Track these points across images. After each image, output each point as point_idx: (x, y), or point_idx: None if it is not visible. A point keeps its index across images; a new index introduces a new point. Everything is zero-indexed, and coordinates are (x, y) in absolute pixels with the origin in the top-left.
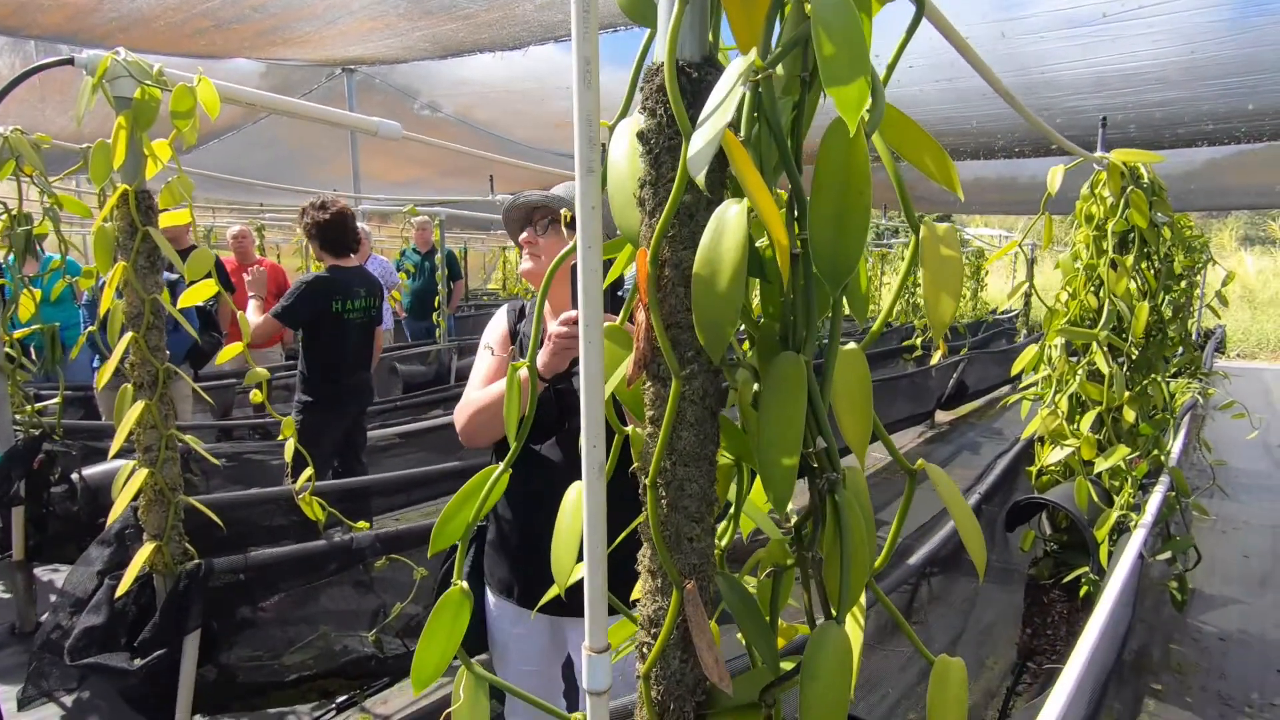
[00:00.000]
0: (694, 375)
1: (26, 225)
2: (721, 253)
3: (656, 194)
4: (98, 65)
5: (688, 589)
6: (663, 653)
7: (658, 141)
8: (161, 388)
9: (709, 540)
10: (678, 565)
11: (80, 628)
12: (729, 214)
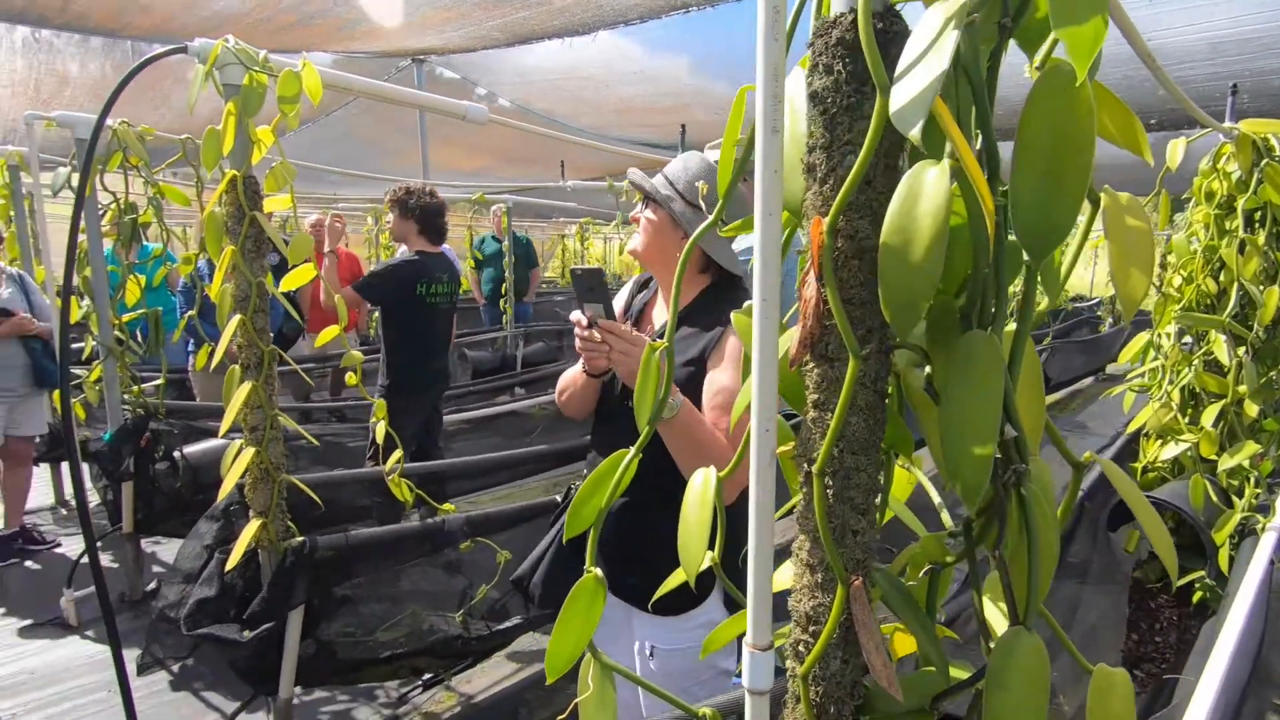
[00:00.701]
0: (869, 356)
1: (132, 214)
2: (917, 219)
3: (830, 158)
4: (209, 53)
5: (854, 585)
6: (824, 653)
7: (834, 101)
8: (267, 369)
9: (873, 534)
10: (842, 559)
11: (194, 599)
12: (926, 177)
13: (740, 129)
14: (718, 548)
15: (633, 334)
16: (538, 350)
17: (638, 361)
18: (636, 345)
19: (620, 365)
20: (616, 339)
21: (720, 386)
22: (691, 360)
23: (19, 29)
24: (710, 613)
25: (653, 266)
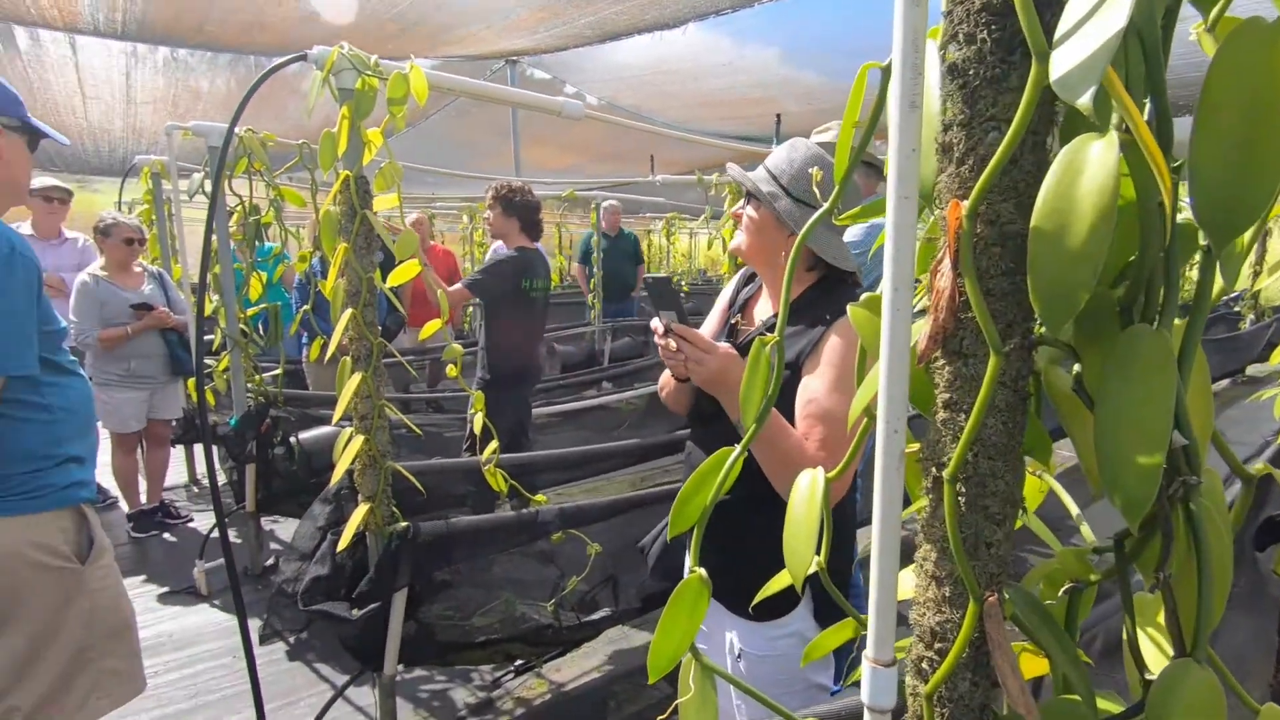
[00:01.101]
0: (1010, 353)
1: (255, 215)
2: (1077, 199)
3: (970, 136)
4: (326, 59)
5: (989, 602)
6: (951, 672)
7: (977, 73)
8: (375, 360)
9: (1008, 546)
10: (974, 573)
11: (309, 577)
12: (1089, 151)
13: (859, 110)
14: (824, 553)
15: (706, 341)
16: (625, 345)
17: (711, 369)
18: (710, 353)
19: (694, 373)
20: (690, 347)
21: (814, 394)
22: (786, 364)
23: (160, 50)
24: (798, 622)
25: (757, 264)
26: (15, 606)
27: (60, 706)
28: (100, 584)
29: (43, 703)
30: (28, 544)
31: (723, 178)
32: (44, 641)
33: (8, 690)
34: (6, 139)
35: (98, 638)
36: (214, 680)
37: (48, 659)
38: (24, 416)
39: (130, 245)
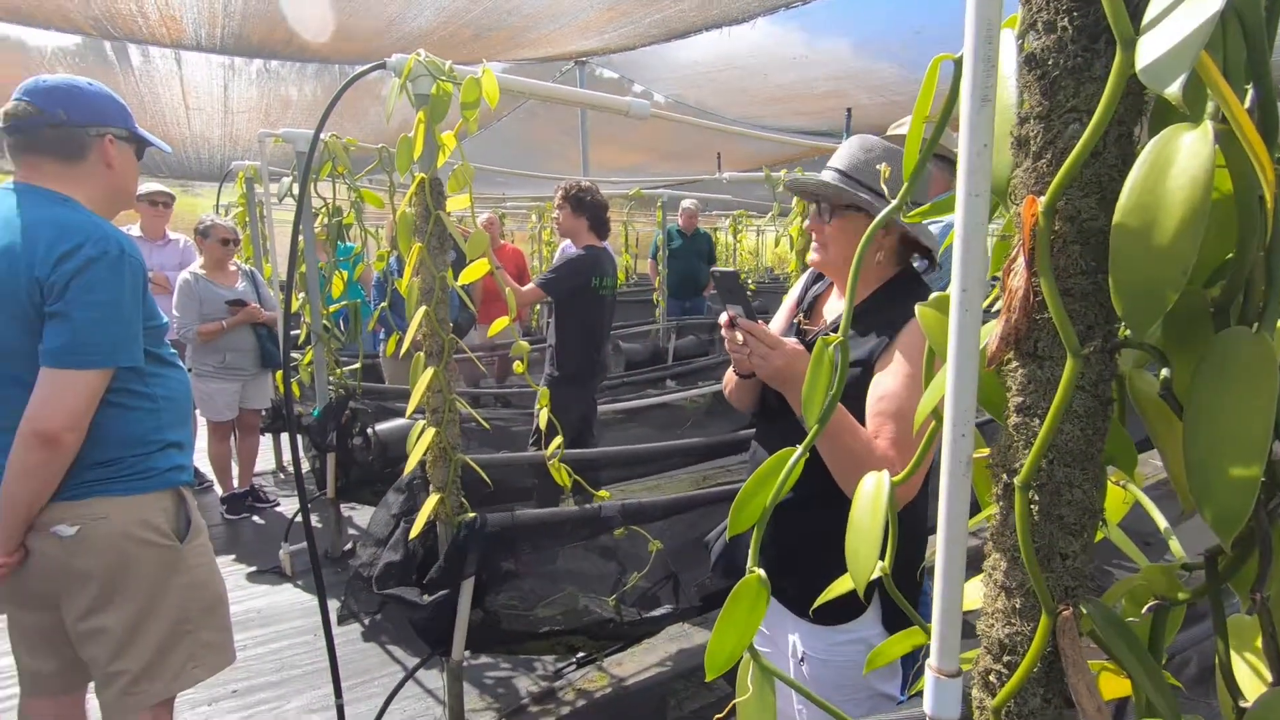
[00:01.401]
0: (1090, 356)
1: (338, 216)
2: (1166, 193)
3: (1049, 129)
4: (403, 66)
5: (1063, 616)
6: (1021, 687)
7: (1057, 62)
8: (447, 356)
9: (1086, 559)
10: (1048, 585)
11: (383, 562)
12: (1181, 142)
13: (930, 104)
14: (888, 559)
15: (772, 337)
16: (689, 344)
17: (776, 365)
18: (775, 349)
19: (760, 369)
20: (755, 341)
21: (885, 391)
22: (858, 361)
23: (255, 62)
24: (865, 629)
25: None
26: (124, 580)
27: (161, 673)
28: (197, 561)
29: (146, 669)
30: (135, 523)
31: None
32: (148, 613)
33: (117, 655)
34: (117, 148)
35: (194, 611)
36: (296, 656)
37: (151, 629)
38: (131, 405)
39: (226, 245)
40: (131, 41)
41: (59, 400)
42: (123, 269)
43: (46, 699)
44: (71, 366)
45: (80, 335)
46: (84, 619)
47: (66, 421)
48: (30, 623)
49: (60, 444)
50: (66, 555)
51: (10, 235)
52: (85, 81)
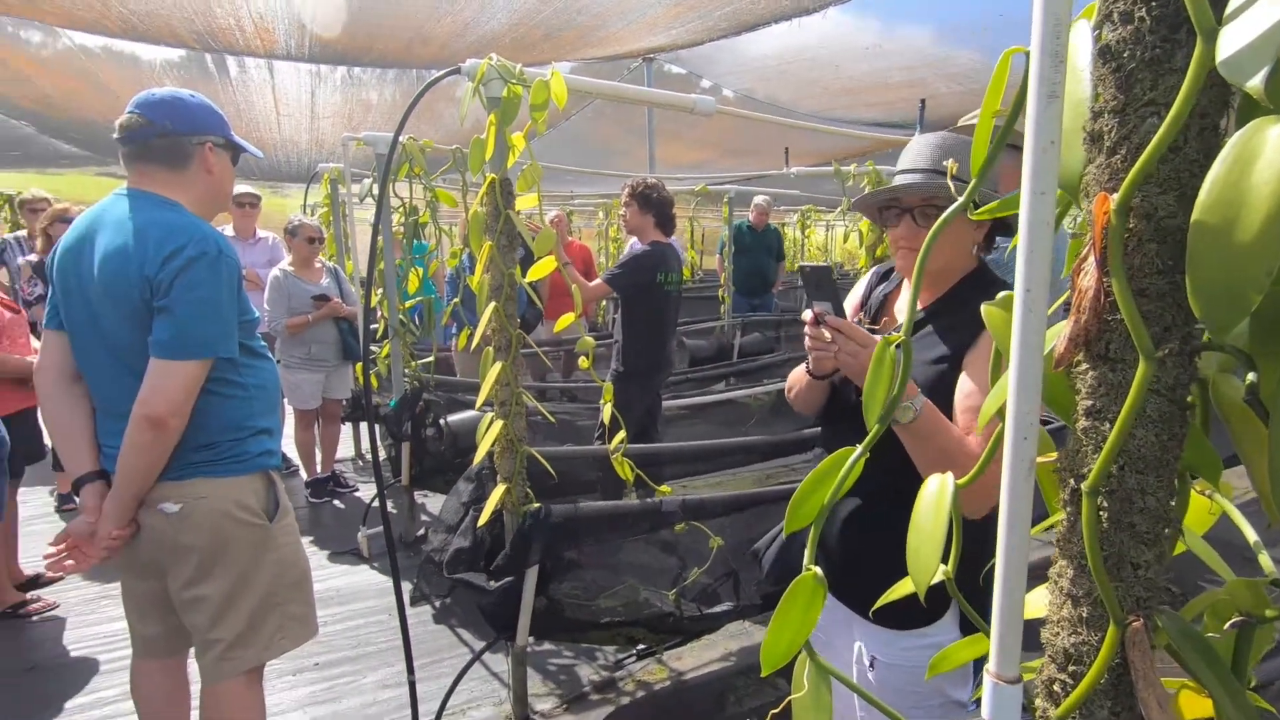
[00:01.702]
0: (1165, 359)
1: (414, 215)
2: (1249, 189)
3: (1124, 123)
4: (477, 70)
5: (1133, 627)
6: (1087, 698)
7: (1134, 54)
8: (514, 351)
9: (1159, 569)
10: (1117, 595)
11: (453, 548)
12: (1268, 135)
13: (1000, 98)
14: (951, 562)
15: (863, 333)
16: (754, 340)
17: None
18: (866, 345)
19: (848, 366)
20: (845, 339)
21: (975, 388)
22: (943, 358)
23: (339, 69)
24: (944, 634)
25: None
26: (222, 555)
27: (253, 641)
28: (284, 539)
29: (240, 637)
30: (231, 502)
31: (848, 167)
32: (241, 586)
33: (215, 624)
34: (216, 155)
35: (282, 586)
36: (372, 633)
37: (244, 601)
38: (227, 393)
39: (312, 243)
40: (229, 53)
41: (164, 388)
42: (221, 268)
43: (153, 661)
44: (176, 357)
45: (183, 329)
46: (186, 588)
47: (171, 407)
48: (141, 590)
49: (165, 427)
50: (172, 530)
51: (124, 237)
52: (188, 93)
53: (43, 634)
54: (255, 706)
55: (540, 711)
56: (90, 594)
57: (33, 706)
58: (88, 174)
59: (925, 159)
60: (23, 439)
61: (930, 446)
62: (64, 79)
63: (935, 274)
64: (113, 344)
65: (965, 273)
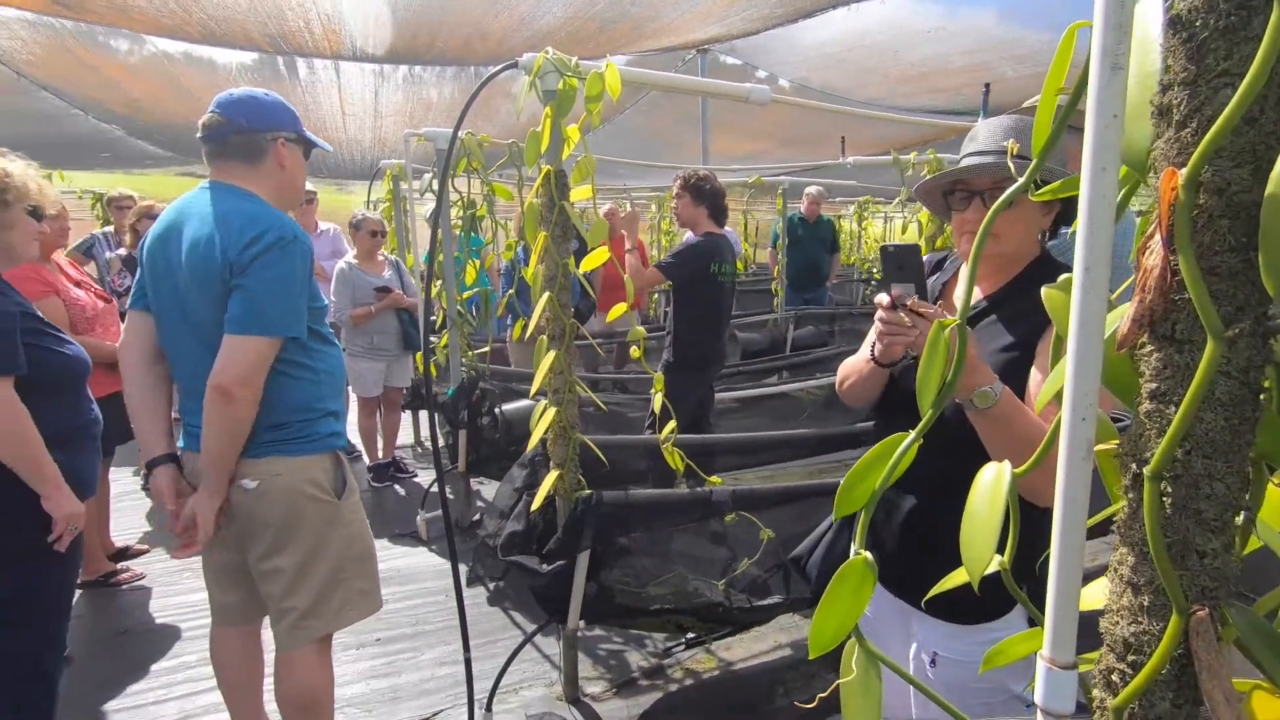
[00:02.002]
0: (1236, 340)
1: (471, 209)
2: None
3: (1195, 96)
4: (533, 64)
5: (1197, 617)
6: (1147, 689)
7: (1206, 23)
8: (568, 340)
9: (1228, 559)
10: (1181, 584)
11: (507, 531)
12: None
13: (1064, 75)
14: (1008, 551)
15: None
16: (808, 334)
17: None
18: None
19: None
20: (925, 323)
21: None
22: (1012, 345)
23: (401, 68)
24: (1011, 629)
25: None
26: (295, 530)
27: (323, 611)
28: (351, 516)
29: (311, 607)
30: (303, 480)
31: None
32: (312, 558)
33: (288, 593)
34: (288, 150)
35: (349, 561)
36: (430, 613)
37: (315, 573)
38: (298, 375)
39: (374, 237)
40: (299, 55)
41: (234, 361)
42: (295, 253)
43: (231, 628)
44: (247, 333)
45: (255, 305)
46: (262, 560)
47: (238, 379)
48: (221, 562)
49: (233, 398)
50: (250, 505)
51: (208, 226)
52: (263, 92)
53: (132, 601)
54: (324, 673)
55: (590, 694)
56: (173, 566)
57: (124, 667)
58: (170, 174)
59: (996, 141)
60: (114, 420)
61: (1011, 433)
62: (149, 83)
63: (1002, 261)
64: (197, 326)
65: (1030, 260)
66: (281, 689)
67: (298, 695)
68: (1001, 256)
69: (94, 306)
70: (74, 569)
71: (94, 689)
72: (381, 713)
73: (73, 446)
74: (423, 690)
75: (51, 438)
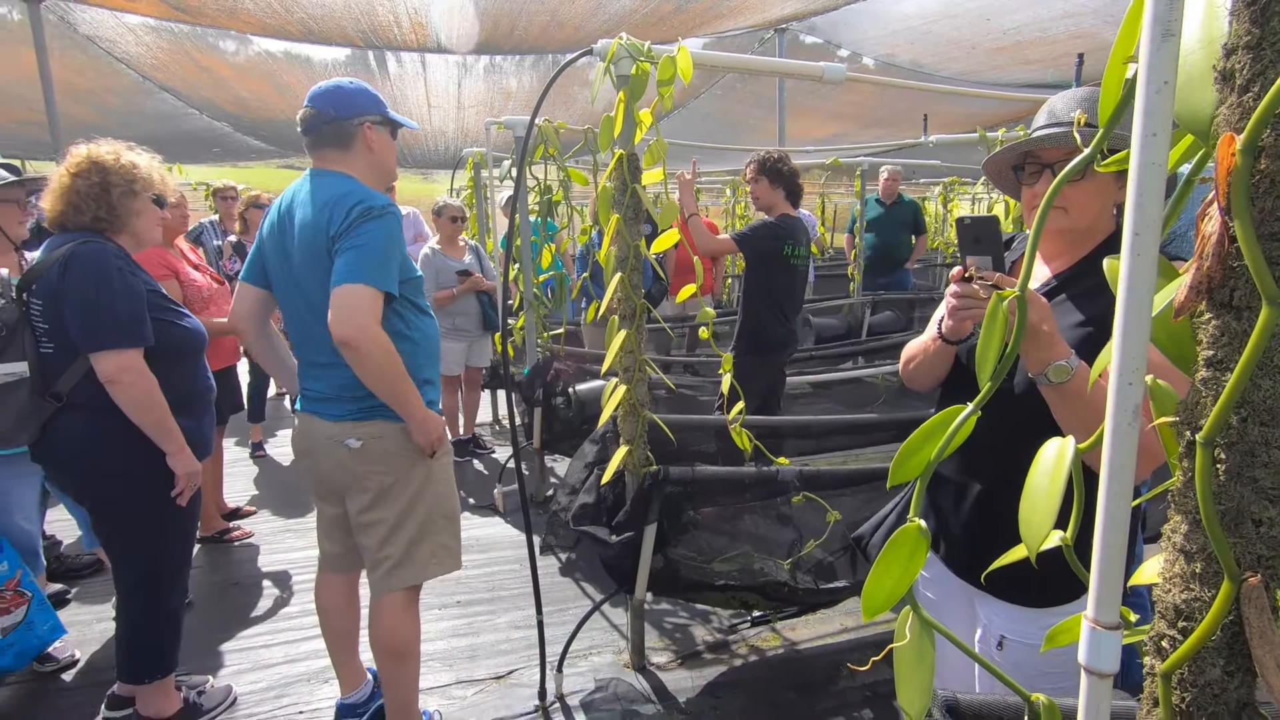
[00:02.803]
0: None
1: (548, 195)
2: None
3: (1258, 60)
4: (608, 51)
5: (1249, 583)
6: (1197, 655)
7: None
8: (638, 320)
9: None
10: (1234, 552)
11: (579, 503)
12: None
13: (1135, 42)
14: (1070, 528)
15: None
16: (885, 319)
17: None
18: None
19: None
20: None
21: None
22: (1085, 322)
23: (482, 59)
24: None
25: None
26: (393, 487)
27: (412, 562)
28: (442, 474)
29: (403, 557)
30: (402, 441)
31: (995, 133)
32: (407, 512)
33: (384, 544)
34: (375, 132)
35: (438, 517)
36: (505, 580)
37: (408, 525)
38: (398, 344)
39: (455, 222)
40: (389, 49)
41: (344, 311)
42: (387, 218)
43: (334, 575)
44: (348, 282)
45: (354, 260)
46: (363, 513)
47: (354, 327)
48: (328, 514)
49: (355, 347)
50: (353, 462)
51: (314, 210)
52: (348, 81)
53: (242, 556)
54: (412, 620)
55: (656, 664)
56: (276, 527)
57: (234, 616)
58: (271, 166)
59: (1068, 111)
60: (225, 391)
61: (1089, 409)
62: (254, 82)
63: (1075, 236)
64: (310, 300)
65: (1105, 236)
66: (374, 632)
67: (389, 640)
68: (1073, 232)
69: (209, 288)
70: (194, 523)
71: (211, 631)
72: (461, 669)
73: (193, 410)
74: (498, 650)
75: (174, 403)
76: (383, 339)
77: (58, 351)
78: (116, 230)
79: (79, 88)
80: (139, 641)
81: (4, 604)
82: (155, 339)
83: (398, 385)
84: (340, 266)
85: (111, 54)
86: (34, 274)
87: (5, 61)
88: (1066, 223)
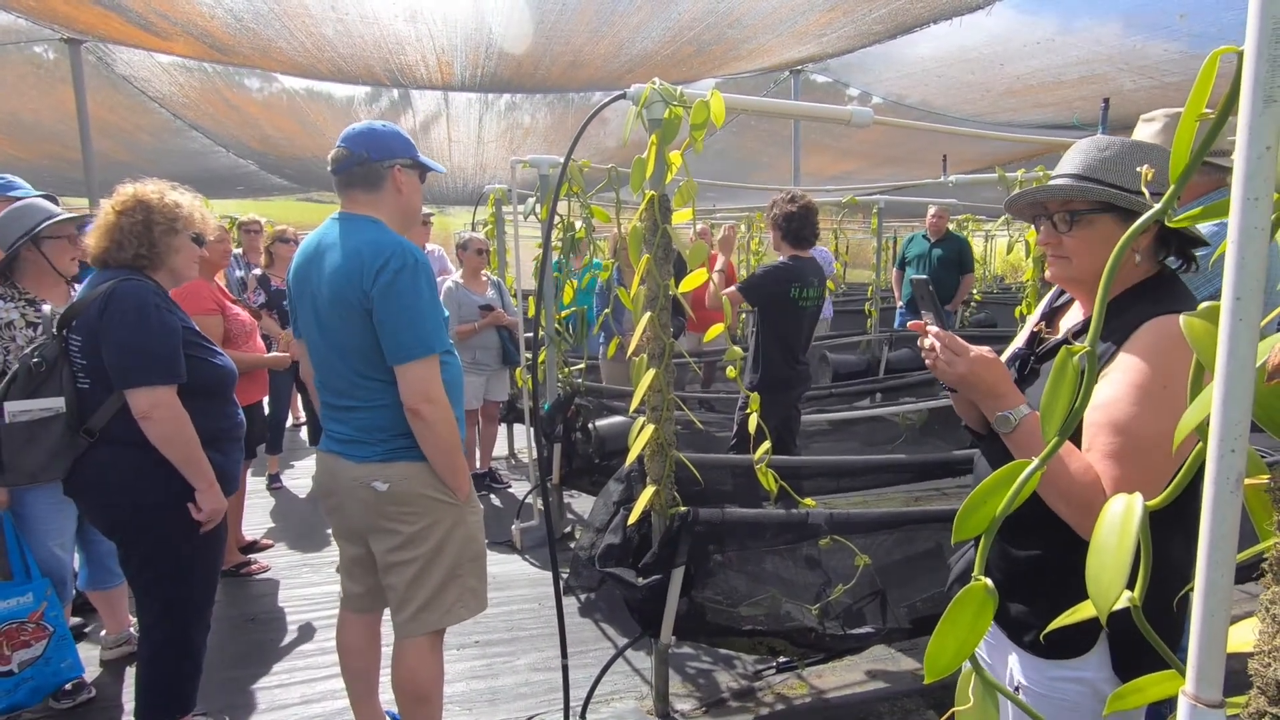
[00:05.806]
0: None
1: (571, 231)
2: None
3: None
4: (640, 95)
5: None
6: None
7: None
8: (667, 359)
9: None
10: None
11: (604, 544)
12: None
13: (1205, 100)
14: (1138, 588)
15: (959, 343)
16: (904, 356)
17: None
18: (960, 355)
19: (944, 375)
20: (943, 347)
21: (1104, 399)
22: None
23: (504, 97)
24: (1090, 669)
25: (1089, 287)
26: (421, 529)
27: (438, 606)
28: (470, 518)
29: (429, 601)
30: (429, 483)
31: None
32: (434, 555)
33: (410, 586)
34: (405, 175)
35: (464, 560)
36: (524, 620)
37: (435, 569)
38: None
39: (480, 256)
40: (414, 88)
41: (410, 384)
42: (420, 275)
43: (356, 615)
44: (405, 360)
45: (400, 338)
46: (390, 554)
47: (421, 397)
48: (351, 555)
49: (421, 415)
50: (381, 504)
51: (344, 257)
52: (380, 123)
53: (259, 590)
54: (436, 664)
55: (680, 711)
56: (294, 561)
57: (251, 653)
58: (291, 199)
59: (1076, 164)
60: (253, 425)
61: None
62: (278, 119)
63: (1090, 284)
64: (339, 344)
65: (1130, 284)
66: (397, 675)
67: (411, 684)
68: (1080, 281)
69: (251, 322)
70: (220, 557)
71: (227, 668)
72: (481, 712)
73: (222, 446)
74: (518, 694)
75: (205, 438)
76: (448, 411)
77: (94, 387)
78: (155, 267)
79: (111, 125)
80: (159, 678)
81: (26, 637)
82: (189, 376)
83: (454, 457)
84: (388, 343)
85: (145, 93)
86: (74, 311)
87: (41, 99)
88: (1071, 271)
